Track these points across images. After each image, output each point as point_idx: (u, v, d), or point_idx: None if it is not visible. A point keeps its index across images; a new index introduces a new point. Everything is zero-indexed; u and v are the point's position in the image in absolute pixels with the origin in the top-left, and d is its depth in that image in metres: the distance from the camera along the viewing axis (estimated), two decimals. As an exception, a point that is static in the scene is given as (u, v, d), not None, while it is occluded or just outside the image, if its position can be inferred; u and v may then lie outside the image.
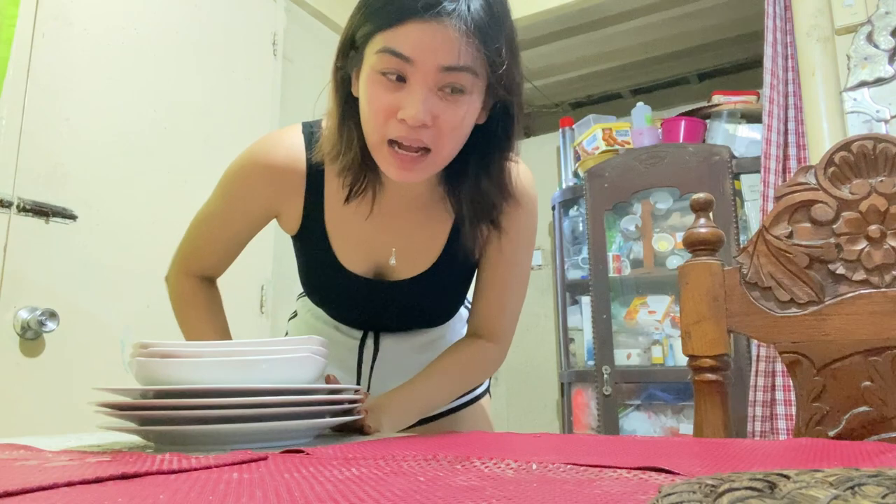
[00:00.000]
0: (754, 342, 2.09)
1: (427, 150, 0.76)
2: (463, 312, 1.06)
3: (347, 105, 0.81)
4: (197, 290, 0.97)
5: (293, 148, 0.88)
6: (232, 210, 0.92)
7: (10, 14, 1.34)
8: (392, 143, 0.76)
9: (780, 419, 1.89)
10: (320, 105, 0.97)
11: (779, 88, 1.96)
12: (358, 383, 1.00)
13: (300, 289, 1.07)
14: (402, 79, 0.73)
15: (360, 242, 0.91)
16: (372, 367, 1.00)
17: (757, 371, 1.90)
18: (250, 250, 1.00)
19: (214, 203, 0.93)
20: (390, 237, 0.91)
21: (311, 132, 0.88)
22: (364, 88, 0.76)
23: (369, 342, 1.00)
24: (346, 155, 0.82)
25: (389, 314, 0.97)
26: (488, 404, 1.09)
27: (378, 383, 0.99)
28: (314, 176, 0.88)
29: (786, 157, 1.96)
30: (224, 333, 0.96)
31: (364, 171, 0.84)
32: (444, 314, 1.01)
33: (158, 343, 0.61)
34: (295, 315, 1.10)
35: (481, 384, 1.07)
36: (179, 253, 0.97)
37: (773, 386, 1.89)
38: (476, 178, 0.84)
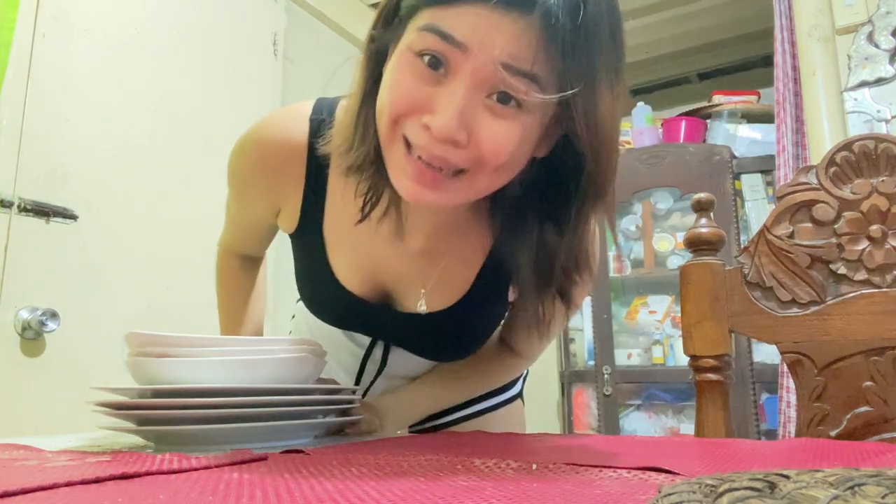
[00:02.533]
0: (757, 342, 2.09)
1: (461, 171, 0.58)
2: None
3: (375, 87, 0.62)
4: (235, 270, 0.92)
5: (294, 134, 0.72)
6: (239, 199, 0.82)
7: (9, 17, 1.34)
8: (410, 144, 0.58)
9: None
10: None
11: (789, 87, 1.96)
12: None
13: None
14: (442, 69, 0.55)
15: (362, 262, 0.76)
16: (373, 381, 0.88)
17: (783, 371, 1.89)
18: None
19: (228, 190, 0.83)
20: (404, 266, 0.75)
21: (320, 119, 0.72)
22: (391, 68, 0.58)
23: (377, 353, 0.86)
24: (358, 149, 0.64)
25: (395, 340, 0.83)
26: (521, 409, 0.99)
27: (375, 395, 0.90)
28: (316, 170, 0.73)
29: (797, 157, 1.96)
30: (246, 320, 0.91)
31: (379, 177, 0.65)
32: (463, 352, 0.84)
33: (152, 335, 0.61)
34: (294, 317, 1.05)
35: (513, 387, 0.98)
36: (222, 232, 0.91)
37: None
38: (540, 225, 0.66)
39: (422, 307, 0.75)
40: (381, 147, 0.61)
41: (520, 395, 0.99)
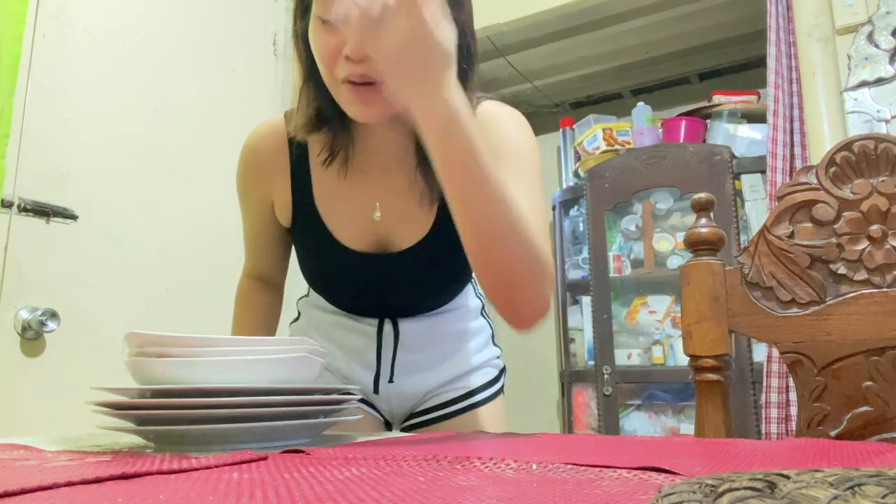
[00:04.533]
0: (756, 342, 2.09)
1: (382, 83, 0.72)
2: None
3: (311, 68, 0.80)
4: (250, 293, 1.03)
5: (273, 129, 0.92)
6: (244, 207, 0.98)
7: (19, 11, 1.35)
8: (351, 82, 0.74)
9: (794, 420, 1.88)
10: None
11: (783, 88, 1.96)
12: (378, 375, 0.97)
13: (299, 291, 1.06)
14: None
15: (352, 214, 0.90)
16: (394, 354, 0.96)
17: (769, 371, 1.89)
18: (250, 250, 1.01)
19: (239, 200, 0.99)
20: (379, 199, 0.90)
21: (291, 113, 0.89)
22: (311, 38, 0.76)
23: (388, 328, 0.96)
24: (304, 113, 0.83)
25: (397, 291, 0.94)
26: (502, 405, 1.06)
27: (402, 373, 0.97)
28: (297, 154, 0.90)
29: (792, 157, 1.96)
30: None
31: (330, 128, 0.85)
32: (453, 283, 0.98)
33: (152, 335, 0.61)
34: (298, 317, 1.09)
35: (497, 382, 1.05)
36: (244, 262, 1.05)
37: (788, 387, 1.88)
38: None
39: (377, 215, 0.89)
40: (334, 96, 0.77)
41: (501, 390, 1.07)
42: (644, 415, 2.40)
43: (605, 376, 2.38)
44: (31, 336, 1.34)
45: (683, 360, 1.58)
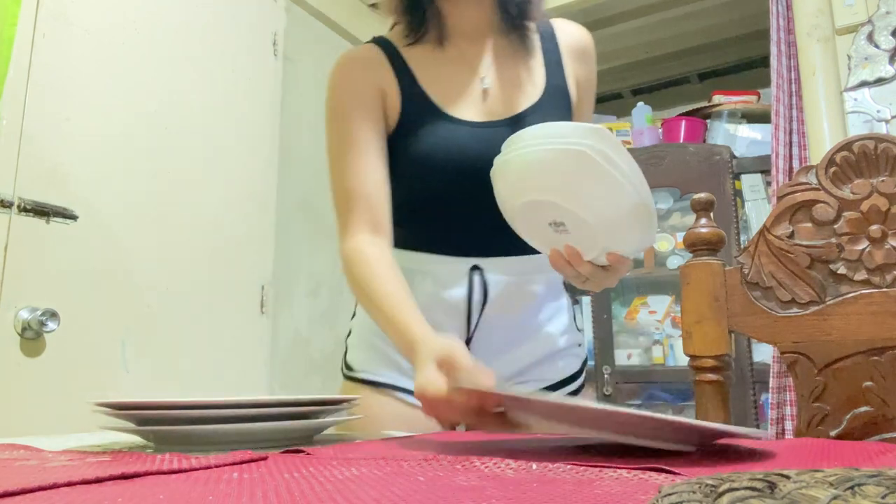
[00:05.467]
0: (756, 342, 2.09)
1: None
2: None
3: None
4: (380, 253, 0.85)
5: (360, 47, 0.98)
6: (357, 125, 0.90)
7: (12, 13, 1.35)
8: None
9: (788, 420, 1.88)
10: (320, 104, 0.97)
11: (784, 88, 1.96)
12: (469, 332, 0.90)
13: (304, 290, 1.05)
14: None
15: (459, 87, 0.92)
16: (482, 311, 0.90)
17: (775, 373, 1.89)
18: (250, 250, 1.00)
19: (335, 137, 0.93)
20: (482, 68, 0.94)
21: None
22: None
23: (476, 284, 0.89)
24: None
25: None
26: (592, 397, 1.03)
27: (484, 347, 0.90)
28: (390, 50, 0.95)
29: (791, 157, 1.96)
30: (410, 303, 0.80)
31: (417, 6, 0.91)
32: None
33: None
34: (355, 314, 1.01)
35: (583, 373, 0.99)
36: (339, 217, 0.90)
37: (785, 387, 1.88)
38: None
39: (486, 83, 0.92)
40: None
41: (584, 385, 1.00)
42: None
43: (606, 376, 2.39)
44: (31, 336, 1.34)
45: (683, 360, 1.58)
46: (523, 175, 0.73)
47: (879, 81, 1.72)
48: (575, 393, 0.97)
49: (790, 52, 1.97)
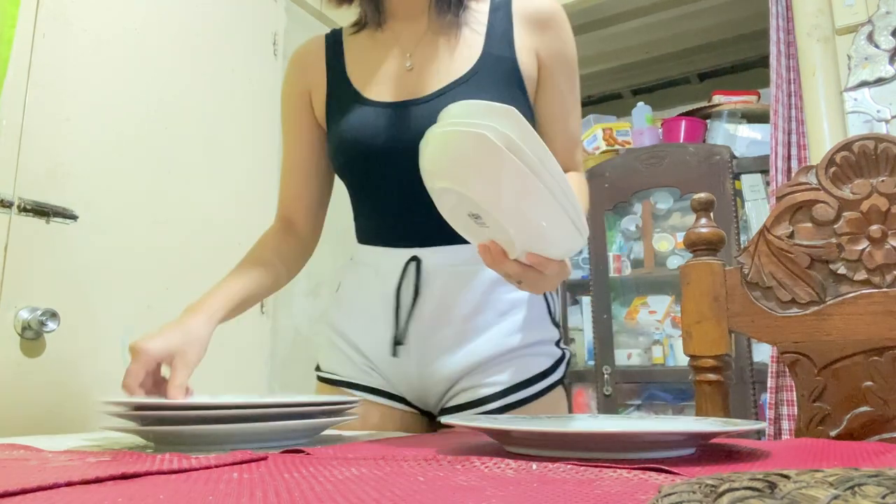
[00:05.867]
0: (756, 342, 2.09)
1: None
2: None
3: None
4: (268, 233, 0.97)
5: (314, 37, 0.99)
6: (287, 121, 0.99)
7: (11, 14, 1.34)
8: None
9: (785, 420, 1.88)
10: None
11: (784, 88, 1.96)
12: (398, 332, 0.86)
13: (304, 290, 1.05)
14: None
15: (384, 71, 0.90)
16: (414, 299, 0.85)
17: (772, 373, 1.89)
18: (250, 250, 1.00)
19: (282, 134, 1.00)
20: (409, 49, 0.90)
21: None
22: None
23: (408, 277, 0.85)
24: None
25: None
26: (558, 404, 0.90)
27: (421, 338, 0.85)
28: (333, 40, 0.96)
29: (790, 157, 1.96)
30: (231, 296, 0.85)
31: None
32: None
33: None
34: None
35: (554, 372, 0.88)
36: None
37: (783, 387, 1.88)
38: None
39: (408, 64, 0.89)
40: None
41: (560, 381, 0.90)
42: (644, 415, 2.40)
43: (606, 376, 2.38)
44: (31, 336, 1.34)
45: (683, 360, 1.57)
46: (431, 158, 0.64)
47: (879, 81, 1.72)
48: (540, 394, 0.85)
49: (790, 52, 1.97)
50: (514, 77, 0.87)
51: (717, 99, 2.49)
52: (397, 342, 0.86)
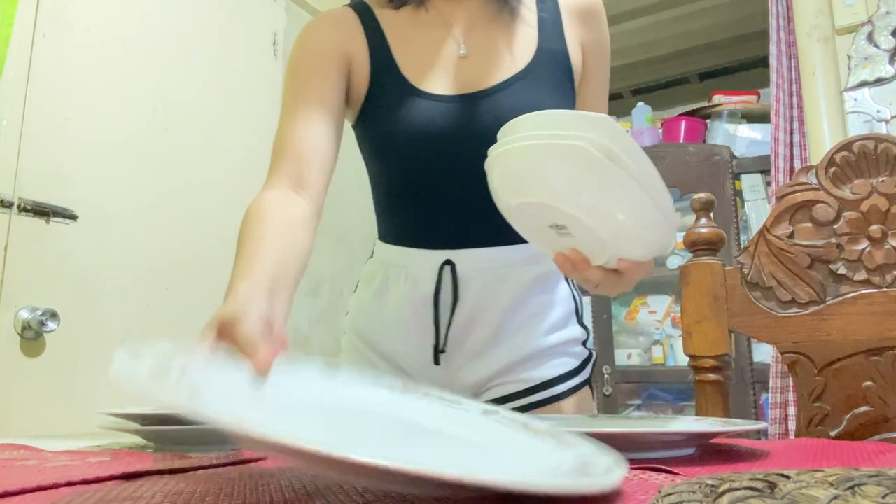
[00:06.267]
0: (756, 342, 2.09)
1: None
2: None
3: None
4: (275, 202, 0.73)
5: (334, 9, 0.89)
6: (309, 72, 0.84)
7: (8, 14, 1.34)
8: None
9: (792, 420, 1.88)
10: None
11: (784, 88, 1.96)
12: (438, 343, 0.83)
13: (304, 290, 1.03)
14: None
15: (433, 57, 0.83)
16: (453, 310, 0.82)
17: (775, 373, 1.89)
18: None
19: (288, 93, 0.85)
20: (460, 34, 0.84)
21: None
22: None
23: (445, 283, 0.82)
24: None
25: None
26: (586, 403, 0.88)
27: (458, 347, 0.83)
28: (366, 14, 0.87)
29: (792, 157, 1.96)
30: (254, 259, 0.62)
31: None
32: None
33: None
34: (348, 312, 0.94)
35: (582, 372, 0.88)
36: (268, 173, 0.80)
37: (787, 387, 1.88)
38: None
39: (462, 51, 0.83)
40: None
41: (587, 381, 0.89)
42: (644, 415, 2.40)
43: (606, 376, 2.38)
44: (31, 336, 1.34)
45: (683, 360, 1.57)
46: (513, 172, 0.62)
47: (879, 81, 1.72)
48: (567, 394, 0.84)
49: (790, 52, 1.97)
50: (566, 71, 0.86)
51: (717, 99, 2.49)
52: (441, 350, 0.83)
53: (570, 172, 0.57)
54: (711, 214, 0.92)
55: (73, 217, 1.45)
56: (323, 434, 0.29)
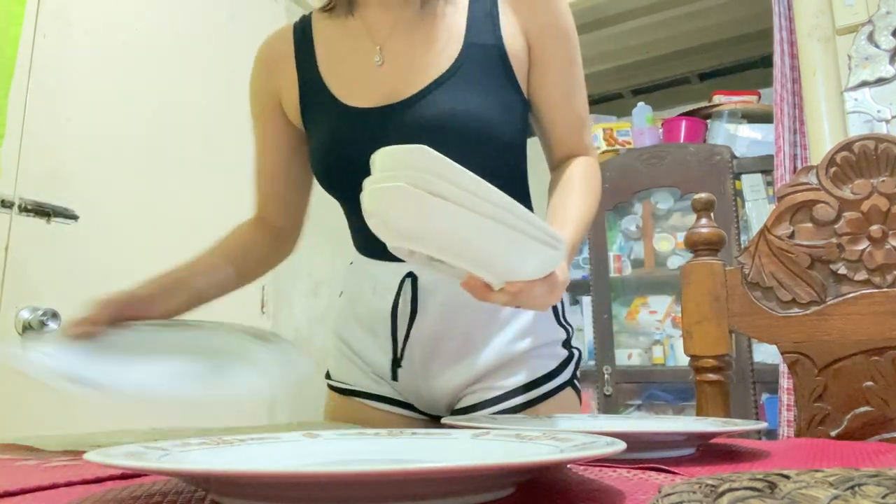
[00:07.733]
0: (757, 342, 2.09)
1: None
2: None
3: None
4: (239, 226, 0.94)
5: (279, 28, 0.92)
6: (257, 123, 0.93)
7: (17, 13, 1.35)
8: None
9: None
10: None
11: (787, 87, 1.96)
12: (396, 356, 0.83)
13: (304, 290, 1.04)
14: None
15: (354, 68, 0.81)
16: (410, 323, 0.81)
17: (784, 373, 1.89)
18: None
19: (253, 131, 0.95)
20: (380, 42, 0.81)
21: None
22: None
23: (404, 295, 0.81)
24: None
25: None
26: (570, 403, 0.86)
27: (422, 356, 0.81)
28: (303, 32, 0.87)
29: (793, 157, 1.96)
30: (166, 283, 0.91)
31: None
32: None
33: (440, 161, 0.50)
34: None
35: (561, 373, 0.85)
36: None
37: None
38: None
39: (377, 59, 0.80)
40: None
41: (570, 382, 0.86)
42: (644, 415, 2.40)
43: (606, 376, 2.38)
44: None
45: (684, 360, 1.57)
46: (367, 217, 0.56)
47: (880, 81, 1.72)
48: (547, 396, 0.82)
49: (793, 51, 1.97)
50: (499, 63, 0.79)
51: (717, 99, 2.49)
52: (397, 365, 0.83)
53: (404, 213, 0.52)
54: (712, 214, 0.92)
55: (73, 217, 1.45)
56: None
